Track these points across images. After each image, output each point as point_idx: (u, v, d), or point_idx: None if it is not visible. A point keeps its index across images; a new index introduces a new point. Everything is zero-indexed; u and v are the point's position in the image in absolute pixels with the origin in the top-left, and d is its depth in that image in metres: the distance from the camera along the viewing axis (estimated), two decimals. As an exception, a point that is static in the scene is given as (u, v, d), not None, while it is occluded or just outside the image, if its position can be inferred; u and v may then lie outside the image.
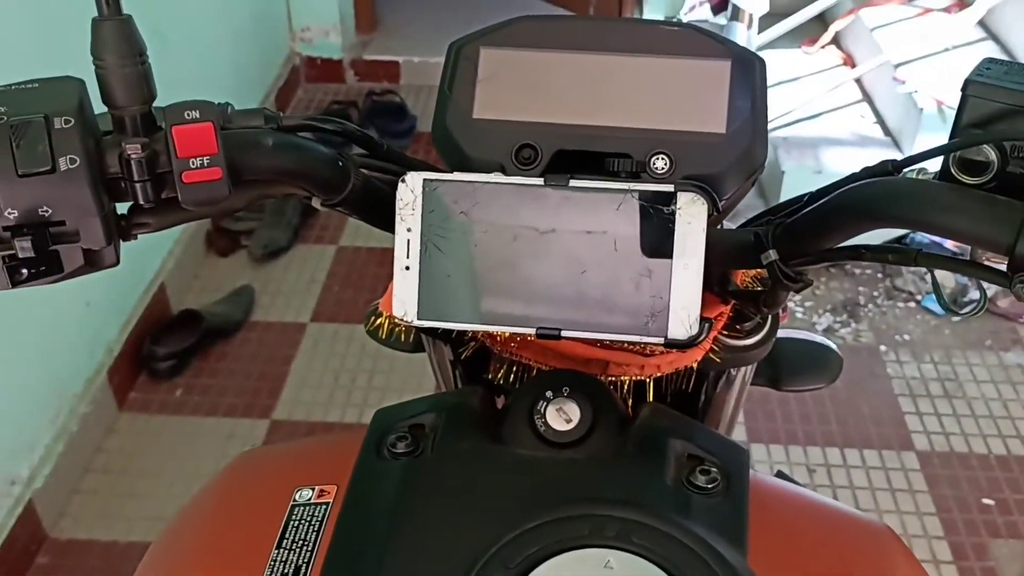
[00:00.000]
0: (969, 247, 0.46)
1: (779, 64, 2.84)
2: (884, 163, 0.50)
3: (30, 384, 1.77)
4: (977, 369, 2.17)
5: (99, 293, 1.98)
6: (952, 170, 0.46)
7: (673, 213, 0.52)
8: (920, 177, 0.49)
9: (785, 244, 0.54)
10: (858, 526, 0.56)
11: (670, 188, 0.52)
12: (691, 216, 0.52)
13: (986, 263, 0.46)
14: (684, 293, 0.52)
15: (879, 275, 2.44)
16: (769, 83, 0.58)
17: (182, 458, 1.95)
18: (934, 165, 0.50)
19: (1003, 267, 0.44)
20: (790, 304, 2.33)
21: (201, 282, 2.42)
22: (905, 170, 0.50)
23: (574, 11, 3.48)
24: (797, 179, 2.40)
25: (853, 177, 0.51)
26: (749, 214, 0.64)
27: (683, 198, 0.52)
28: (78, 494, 1.86)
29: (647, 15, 3.17)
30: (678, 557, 0.43)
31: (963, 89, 0.45)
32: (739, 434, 1.99)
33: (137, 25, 0.46)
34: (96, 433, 1.96)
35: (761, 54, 0.59)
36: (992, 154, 0.45)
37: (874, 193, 0.47)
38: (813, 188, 0.56)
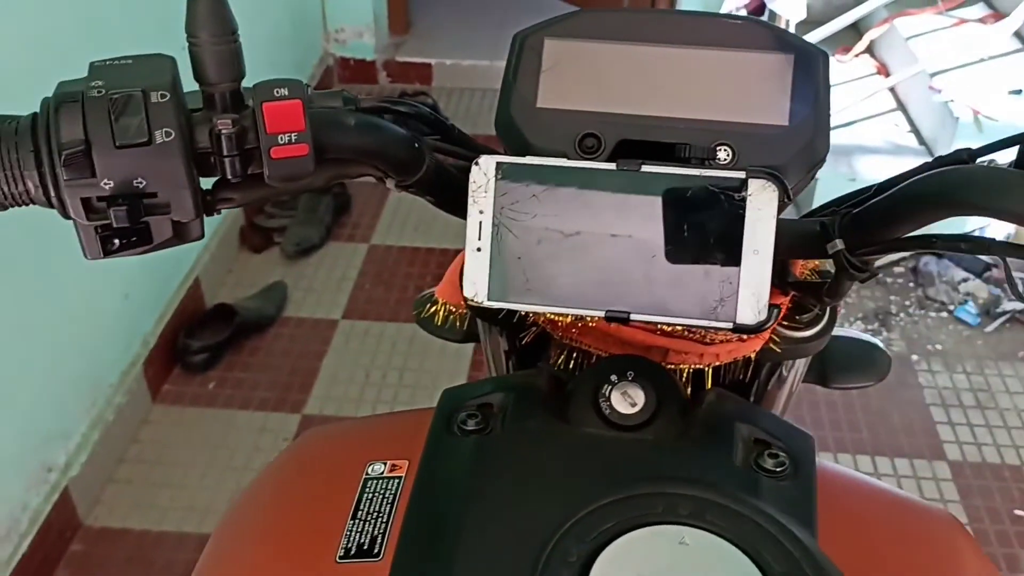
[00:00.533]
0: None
1: (812, 72, 2.83)
2: (959, 152, 0.50)
3: (68, 373, 1.80)
4: (1010, 380, 2.16)
5: (137, 286, 2.01)
6: (1029, 160, 0.46)
7: (744, 200, 0.53)
8: (995, 166, 0.49)
9: (852, 234, 0.54)
10: (924, 514, 0.56)
11: (741, 175, 0.53)
12: (762, 203, 0.52)
13: (1062, 252, 0.46)
14: (753, 278, 0.53)
15: (911, 284, 2.43)
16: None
17: (214, 450, 1.97)
18: (1007, 156, 0.50)
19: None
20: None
21: (235, 277, 2.44)
22: (979, 159, 0.50)
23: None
24: (831, 187, 2.39)
25: (927, 166, 0.52)
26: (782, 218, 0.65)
27: (754, 184, 0.53)
28: (112, 483, 1.89)
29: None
30: (753, 536, 0.44)
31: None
32: (769, 439, 1.98)
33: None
34: (131, 423, 1.98)
35: None
36: (1073, 143, 0.45)
37: (951, 181, 0.48)
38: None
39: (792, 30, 2.24)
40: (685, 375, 0.65)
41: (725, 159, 0.56)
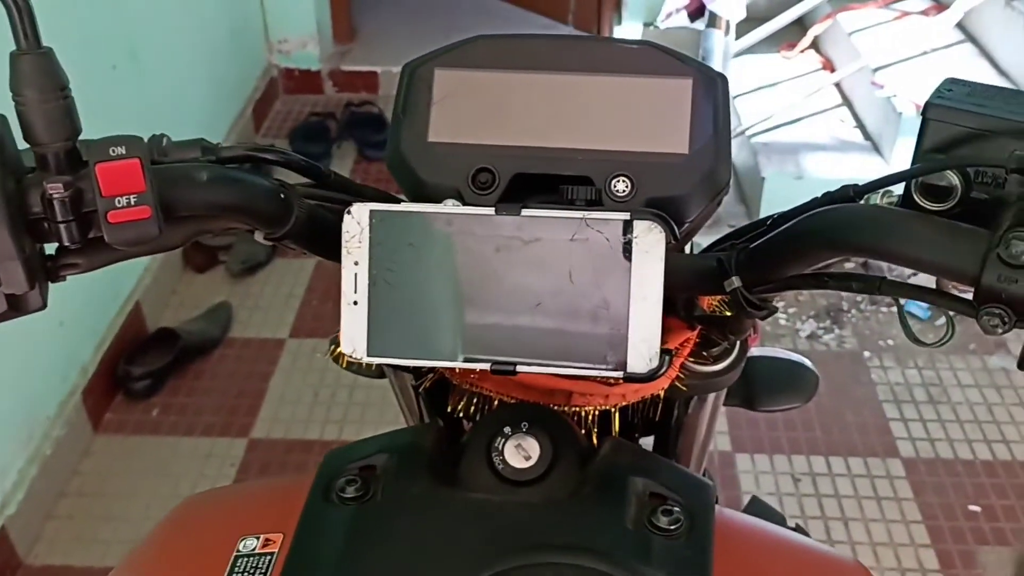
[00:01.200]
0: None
1: (758, 69, 2.83)
2: (845, 188, 0.48)
3: (1, 408, 1.74)
4: (961, 374, 2.16)
5: (73, 312, 1.95)
6: (915, 196, 0.44)
7: (630, 242, 0.50)
8: (883, 203, 0.47)
9: (748, 270, 0.52)
10: (831, 565, 0.54)
11: (626, 216, 0.50)
12: (648, 245, 0.50)
13: (952, 292, 0.44)
14: (643, 325, 0.50)
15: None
16: (748, 88, 0.56)
17: (159, 479, 1.92)
18: (898, 190, 0.48)
19: (970, 296, 0.42)
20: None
21: (178, 298, 2.39)
22: (868, 195, 0.48)
23: (553, 17, 3.47)
24: (778, 185, 2.39)
25: (815, 202, 0.49)
26: (731, 220, 0.62)
27: (639, 227, 0.50)
28: (53, 519, 1.83)
29: (625, 22, 3.17)
30: (637, 608, 0.41)
31: (923, 112, 0.44)
32: (723, 443, 1.97)
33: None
34: (71, 456, 1.92)
35: (739, 59, 0.57)
36: (955, 179, 0.43)
37: (834, 220, 0.46)
38: (793, 194, 0.54)
39: (733, 31, 2.22)
40: (591, 417, 0.62)
41: (624, 191, 0.54)
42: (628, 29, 3.21)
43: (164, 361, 2.11)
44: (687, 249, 0.71)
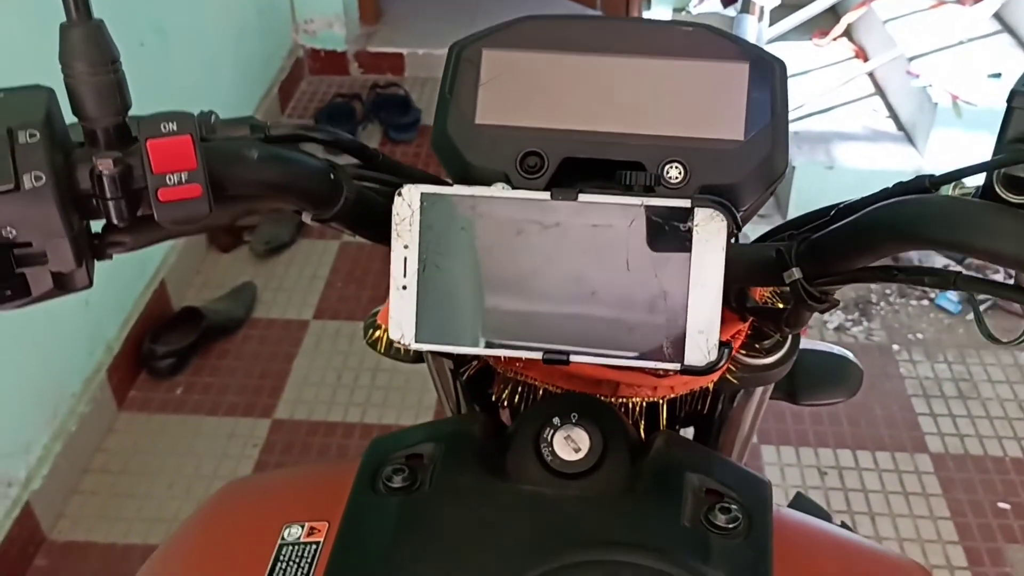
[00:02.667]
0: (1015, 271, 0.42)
1: (790, 57, 2.79)
2: (920, 178, 0.46)
3: (27, 384, 1.74)
4: (992, 369, 2.13)
5: (98, 291, 1.92)
6: (996, 188, 0.42)
7: (690, 230, 0.48)
8: (959, 194, 0.45)
9: (809, 262, 0.50)
10: (891, 566, 0.52)
11: (687, 204, 0.48)
12: (709, 234, 0.48)
13: (1034, 289, 0.42)
14: (702, 316, 0.48)
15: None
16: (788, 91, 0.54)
17: (182, 457, 1.92)
18: (974, 180, 0.46)
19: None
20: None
21: (202, 278, 2.38)
22: (944, 187, 0.46)
23: (581, 2, 3.43)
24: (808, 175, 2.36)
25: (886, 192, 0.47)
26: (760, 211, 0.61)
27: (701, 214, 0.48)
28: (77, 495, 1.84)
29: (654, 9, 3.13)
30: (696, 610, 0.40)
31: (1009, 100, 0.41)
32: (749, 435, 1.95)
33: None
34: (95, 433, 1.93)
35: (771, 47, 0.55)
36: (1041, 171, 0.41)
37: (910, 212, 0.44)
38: (825, 185, 0.52)
39: (767, 17, 2.19)
40: (638, 409, 0.61)
41: (677, 177, 0.52)
42: (657, 15, 3.17)
43: (188, 340, 2.11)
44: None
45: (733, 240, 0.64)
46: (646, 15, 3.19)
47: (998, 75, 2.40)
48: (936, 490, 1.85)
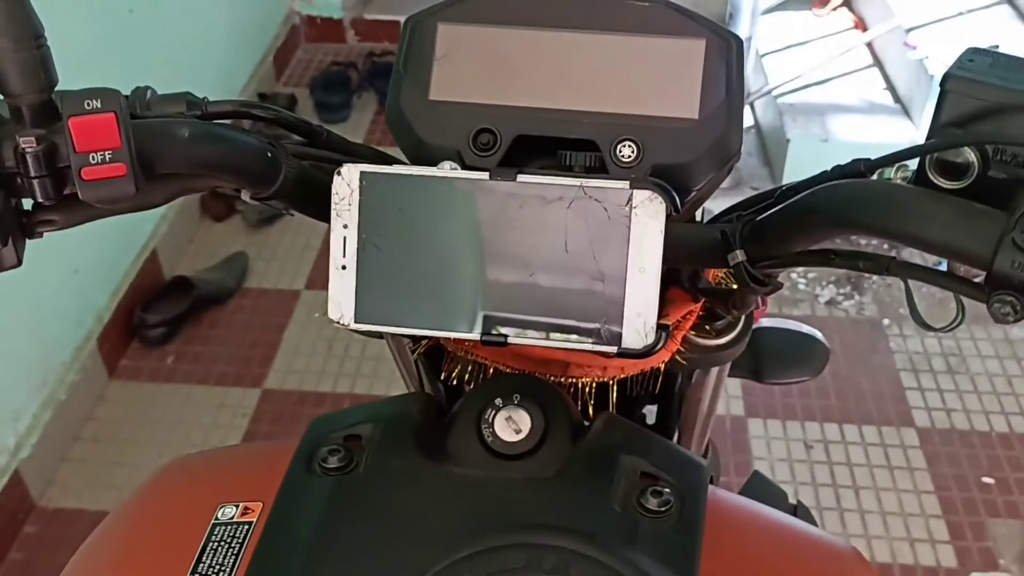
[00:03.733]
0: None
1: (787, 27, 2.76)
2: (856, 162, 0.45)
3: (16, 352, 1.75)
4: (982, 344, 2.13)
5: (88, 260, 1.95)
6: (928, 173, 0.42)
7: (629, 212, 0.48)
8: (897, 178, 0.45)
9: (753, 244, 0.50)
10: (823, 550, 0.52)
11: (625, 186, 0.48)
12: (648, 216, 0.48)
13: (963, 275, 0.42)
14: (640, 299, 0.48)
15: (884, 246, 2.39)
16: (777, 47, 0.53)
17: (172, 426, 1.93)
18: (913, 164, 0.45)
19: (982, 280, 0.40)
20: (793, 276, 2.28)
21: (195, 248, 2.38)
22: (880, 170, 0.45)
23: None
24: (803, 147, 2.34)
25: (825, 176, 0.47)
26: (755, 182, 0.60)
27: (639, 196, 0.48)
28: (66, 463, 1.85)
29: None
30: (618, 593, 0.40)
31: (942, 84, 0.41)
32: (736, 408, 1.95)
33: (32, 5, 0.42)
34: (85, 401, 1.94)
35: (768, 16, 0.54)
36: (972, 157, 0.40)
37: (842, 197, 0.43)
38: (820, 157, 0.52)
39: (763, -14, 2.16)
40: (588, 389, 0.60)
41: (630, 156, 0.51)
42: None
43: (180, 309, 2.12)
44: (697, 217, 0.69)
45: (696, 217, 0.64)
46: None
47: (996, 47, 2.37)
48: (921, 464, 1.86)
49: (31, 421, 1.78)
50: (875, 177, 0.45)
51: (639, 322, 0.48)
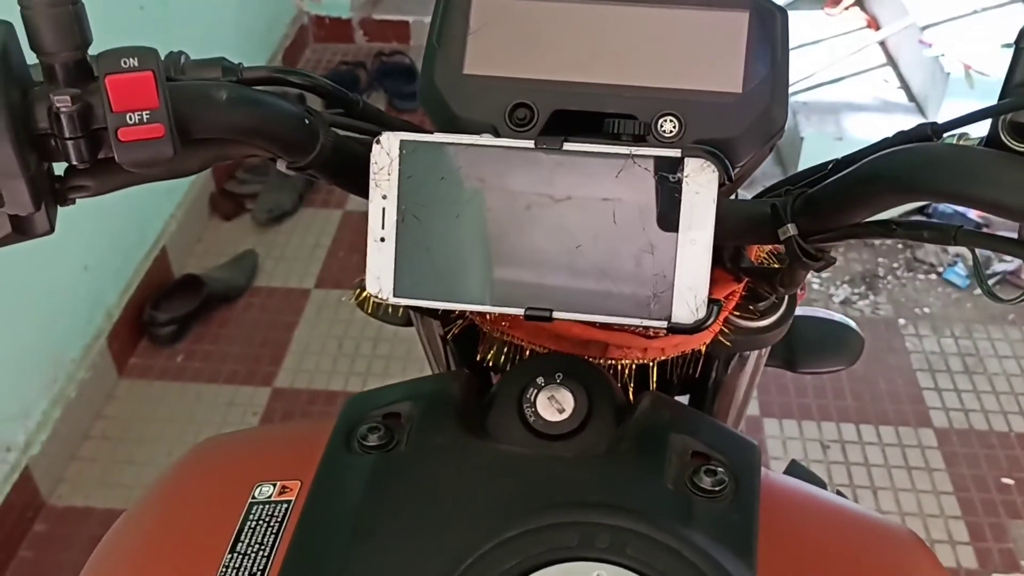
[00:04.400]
0: (1019, 224, 0.40)
1: (801, 26, 2.75)
2: (922, 126, 0.44)
3: (26, 350, 1.74)
4: (999, 344, 2.11)
5: (98, 257, 1.94)
6: (1002, 135, 0.40)
7: (680, 181, 0.46)
8: (963, 143, 0.43)
9: (806, 218, 0.48)
10: (880, 532, 0.50)
11: (676, 153, 0.46)
12: (700, 185, 0.46)
13: (1039, 242, 0.40)
14: (690, 272, 0.46)
15: (899, 245, 2.37)
16: (790, 46, 0.52)
17: (182, 425, 1.91)
18: (979, 130, 0.43)
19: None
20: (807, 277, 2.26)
21: (204, 246, 2.37)
22: (946, 135, 0.43)
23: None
24: (817, 146, 2.33)
25: (886, 143, 0.45)
26: (767, 181, 0.59)
27: (691, 164, 0.46)
28: (76, 461, 1.83)
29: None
30: (677, 573, 0.38)
31: (1017, 42, 0.39)
32: (751, 409, 1.93)
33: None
34: (95, 399, 1.92)
35: None
36: (1050, 117, 0.39)
37: (909, 161, 0.41)
38: (834, 156, 0.50)
39: (777, -17, 2.15)
40: (627, 371, 0.59)
41: (672, 131, 0.50)
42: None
43: (189, 308, 2.10)
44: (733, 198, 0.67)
45: (731, 196, 0.62)
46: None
47: (1011, 45, 2.36)
48: (940, 465, 1.83)
49: (41, 419, 1.76)
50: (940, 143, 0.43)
51: (690, 295, 0.46)
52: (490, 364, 0.61)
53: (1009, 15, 2.54)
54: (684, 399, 0.76)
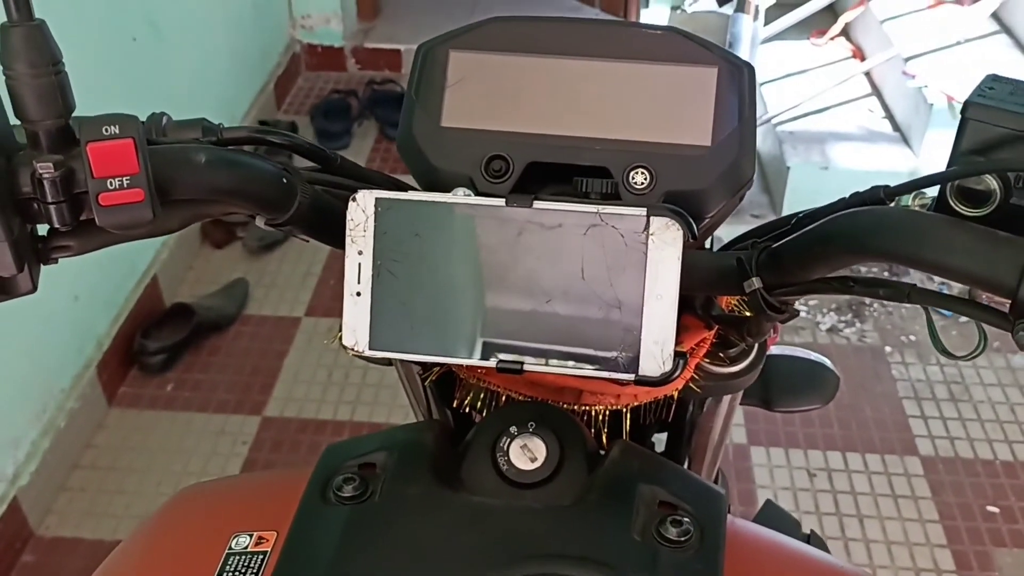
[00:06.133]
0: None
1: (786, 56, 2.78)
2: (875, 189, 0.45)
3: (15, 379, 1.74)
4: (984, 372, 2.12)
5: (88, 286, 1.95)
6: (950, 200, 0.42)
7: (646, 239, 0.48)
8: (916, 205, 0.45)
9: (770, 271, 0.50)
10: (844, 581, 0.52)
11: (642, 212, 0.48)
12: (665, 243, 0.48)
13: (986, 303, 0.42)
14: (657, 326, 0.48)
15: (885, 273, 2.39)
16: (776, 76, 0.53)
17: (172, 455, 1.92)
18: (933, 190, 0.45)
19: (1005, 308, 0.40)
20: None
21: (195, 274, 2.38)
22: (900, 198, 0.45)
23: (581, 1, 3.42)
24: (803, 175, 2.35)
25: (843, 203, 0.47)
26: (755, 210, 0.60)
27: (656, 223, 0.48)
28: (65, 491, 1.83)
29: (653, 5, 3.11)
30: (640, 625, 0.39)
31: (963, 112, 0.41)
32: (738, 436, 1.94)
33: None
34: (84, 429, 1.92)
35: (768, 46, 0.54)
36: (994, 184, 0.40)
37: (862, 224, 0.43)
38: (820, 185, 0.52)
39: (762, 16, 2.18)
40: (601, 417, 0.60)
41: (643, 183, 0.51)
42: (655, 12, 3.16)
43: (179, 336, 2.11)
44: (707, 244, 0.69)
45: (706, 245, 0.64)
46: (644, 13, 3.17)
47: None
48: (925, 493, 1.84)
49: (30, 448, 1.76)
50: (894, 204, 0.45)
51: (656, 349, 0.48)
52: (467, 409, 0.62)
53: (992, 45, 2.58)
54: (662, 438, 0.78)
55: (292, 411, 2.02)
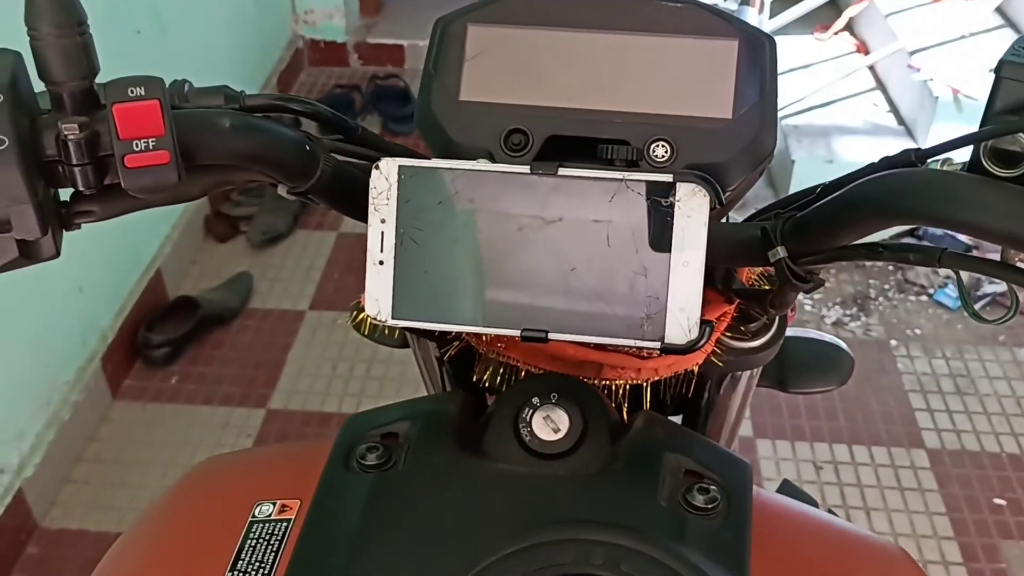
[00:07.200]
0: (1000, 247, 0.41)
1: (791, 50, 2.78)
2: (906, 152, 0.45)
3: (20, 371, 1.74)
4: (990, 365, 2.12)
5: (93, 278, 1.94)
6: (983, 161, 0.41)
7: (672, 205, 0.47)
8: (946, 168, 0.44)
9: (795, 240, 0.49)
10: (872, 550, 0.51)
11: (668, 178, 0.47)
12: (691, 209, 0.47)
13: (1020, 264, 0.41)
14: (683, 293, 0.47)
15: (890, 267, 2.39)
16: (780, 70, 0.53)
17: (176, 447, 1.91)
18: (961, 155, 0.45)
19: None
20: (798, 297, 2.27)
21: (199, 268, 2.38)
22: (929, 160, 0.45)
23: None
24: (808, 169, 2.35)
25: (871, 168, 0.46)
26: (759, 205, 0.60)
27: (683, 189, 0.47)
28: (69, 483, 1.83)
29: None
30: (671, 589, 0.39)
31: (997, 71, 0.40)
32: (745, 430, 1.94)
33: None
34: (89, 421, 1.92)
35: None
36: (1028, 143, 0.40)
37: (894, 186, 0.43)
38: (824, 179, 0.51)
39: (767, 7, 2.18)
40: (621, 392, 0.60)
41: (663, 156, 0.51)
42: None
43: (184, 329, 2.10)
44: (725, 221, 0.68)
45: (722, 219, 0.64)
46: None
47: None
48: (932, 486, 1.84)
49: (34, 441, 1.76)
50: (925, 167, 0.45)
51: (682, 316, 0.47)
52: (486, 385, 0.62)
53: (996, 39, 2.57)
54: (677, 419, 0.77)
55: (296, 404, 2.02)
